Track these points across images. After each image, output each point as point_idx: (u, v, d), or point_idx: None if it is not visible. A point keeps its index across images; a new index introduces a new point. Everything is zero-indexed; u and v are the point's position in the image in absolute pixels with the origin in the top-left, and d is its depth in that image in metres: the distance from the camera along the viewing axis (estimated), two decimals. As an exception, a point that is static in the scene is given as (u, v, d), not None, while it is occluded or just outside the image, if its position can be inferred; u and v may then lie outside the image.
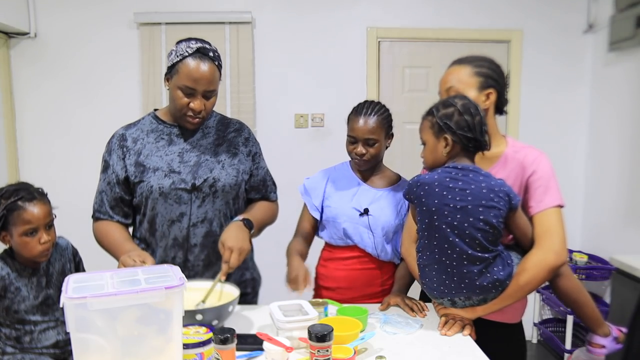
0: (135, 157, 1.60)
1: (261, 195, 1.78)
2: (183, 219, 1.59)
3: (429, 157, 1.49)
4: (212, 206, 1.61)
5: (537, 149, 1.51)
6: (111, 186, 1.61)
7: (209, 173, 1.60)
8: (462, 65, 1.52)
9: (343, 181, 1.79)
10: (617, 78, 3.13)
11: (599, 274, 3.07)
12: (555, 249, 1.40)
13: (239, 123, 1.76)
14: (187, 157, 1.61)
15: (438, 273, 1.43)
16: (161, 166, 1.59)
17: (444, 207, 1.38)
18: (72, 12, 3.27)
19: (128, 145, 1.61)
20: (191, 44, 1.52)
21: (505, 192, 1.38)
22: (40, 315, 1.56)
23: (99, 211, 1.64)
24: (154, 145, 1.61)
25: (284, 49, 3.36)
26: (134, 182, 1.59)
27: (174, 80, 1.52)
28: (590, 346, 1.54)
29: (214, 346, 1.12)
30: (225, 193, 1.63)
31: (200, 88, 1.51)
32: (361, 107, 1.71)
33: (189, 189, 1.58)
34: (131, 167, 1.59)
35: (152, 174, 1.58)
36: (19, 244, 1.52)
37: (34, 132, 3.34)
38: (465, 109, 1.41)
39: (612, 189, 3.17)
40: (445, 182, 1.40)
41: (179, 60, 1.50)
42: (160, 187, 1.57)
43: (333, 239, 1.76)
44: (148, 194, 1.58)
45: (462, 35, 3.40)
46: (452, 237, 1.38)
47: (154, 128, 1.64)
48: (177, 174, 1.58)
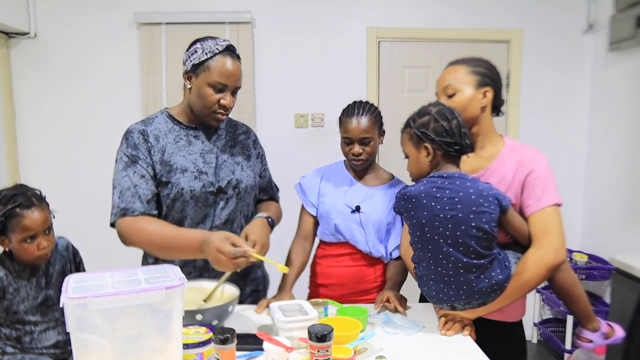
0: (159, 155, 1.54)
1: (269, 196, 1.83)
2: (206, 221, 1.57)
3: (413, 169, 1.49)
4: (234, 208, 1.61)
5: (534, 148, 1.51)
6: (146, 180, 1.51)
7: (232, 174, 1.60)
8: (458, 65, 1.53)
9: (336, 179, 1.81)
10: (617, 78, 3.13)
11: (599, 274, 3.07)
12: (554, 248, 1.40)
13: (245, 126, 1.77)
14: (208, 158, 1.59)
15: (436, 283, 1.42)
16: (188, 167, 1.55)
17: (434, 218, 1.37)
18: (72, 12, 3.27)
19: (151, 142, 1.55)
20: (219, 42, 1.51)
21: (494, 195, 1.38)
22: (40, 316, 1.56)
23: (129, 208, 1.48)
24: (174, 146, 1.57)
25: (284, 48, 3.36)
26: (161, 181, 1.53)
27: (203, 77, 1.50)
28: (579, 340, 1.56)
29: (214, 346, 1.11)
30: (247, 194, 1.64)
31: (232, 84, 1.52)
32: (352, 108, 1.72)
33: (215, 191, 1.57)
34: (157, 164, 1.53)
35: (180, 175, 1.53)
36: (18, 249, 1.52)
37: (34, 132, 3.34)
38: (440, 115, 1.41)
39: (612, 189, 3.17)
40: (432, 192, 1.39)
41: (209, 58, 1.49)
42: (192, 189, 1.53)
43: (325, 234, 1.78)
44: (177, 196, 1.53)
45: (462, 35, 3.40)
46: (446, 247, 1.37)
47: (171, 128, 1.59)
48: (205, 175, 1.56)
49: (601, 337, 1.53)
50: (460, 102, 1.48)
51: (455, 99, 1.49)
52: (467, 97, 1.48)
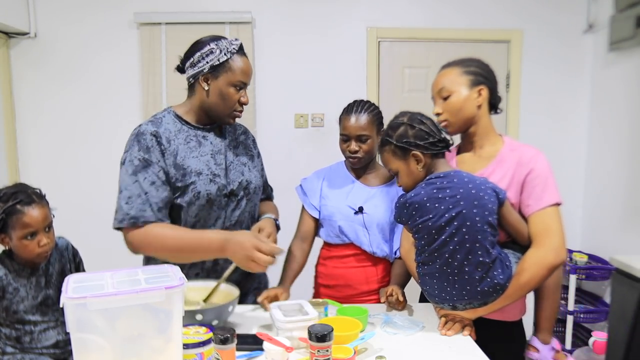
0: (172, 159, 1.49)
1: (266, 195, 1.83)
2: (217, 223, 1.57)
3: (407, 181, 1.48)
4: (244, 209, 1.61)
5: (533, 148, 1.51)
6: (157, 186, 1.46)
7: (241, 176, 1.60)
8: (450, 67, 1.54)
9: (338, 180, 1.81)
10: (617, 78, 3.13)
11: (599, 274, 3.07)
12: (555, 247, 1.40)
13: (242, 126, 1.77)
14: (218, 159, 1.57)
15: (439, 282, 1.42)
16: (202, 169, 1.52)
17: (441, 219, 1.37)
18: (72, 12, 3.27)
19: (164, 145, 1.49)
20: (232, 41, 1.52)
21: (491, 187, 1.40)
22: (40, 316, 1.56)
23: (140, 217, 1.42)
24: (186, 147, 1.53)
25: (284, 48, 3.36)
26: (176, 186, 1.49)
27: (225, 78, 1.50)
28: (528, 348, 1.54)
29: (214, 346, 1.11)
30: (256, 195, 1.65)
31: (249, 81, 1.56)
32: (351, 106, 1.75)
33: (228, 193, 1.56)
34: (171, 168, 1.49)
35: (196, 178, 1.50)
36: (18, 247, 1.52)
37: (34, 132, 3.34)
38: (413, 120, 1.44)
39: (612, 189, 3.17)
40: (433, 194, 1.39)
41: (229, 58, 1.49)
42: (209, 193, 1.51)
43: (330, 236, 1.78)
44: (194, 200, 1.50)
45: (462, 35, 3.40)
46: (453, 245, 1.37)
47: (180, 128, 1.55)
48: (219, 177, 1.54)
49: (550, 352, 1.50)
50: (456, 103, 1.49)
51: (451, 101, 1.49)
52: (462, 97, 1.49)
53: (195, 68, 1.51)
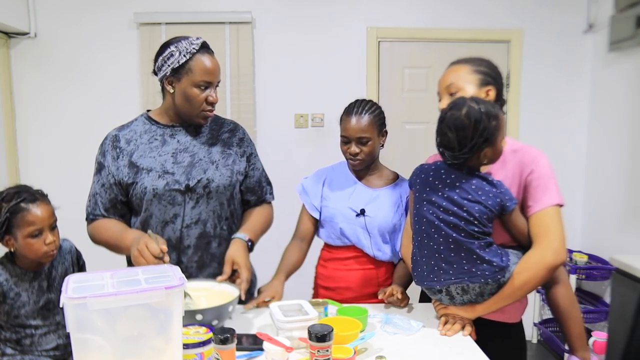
0: (128, 158, 1.59)
1: (257, 197, 1.77)
2: (177, 220, 1.59)
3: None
4: (206, 207, 1.61)
5: (535, 148, 1.51)
6: (105, 188, 1.60)
7: (203, 174, 1.60)
8: (461, 64, 1.54)
9: (340, 180, 1.79)
10: (617, 78, 3.13)
11: (599, 274, 3.07)
12: (555, 247, 1.39)
13: (233, 123, 1.76)
14: (180, 157, 1.61)
15: (427, 259, 1.44)
16: (155, 167, 1.58)
17: (432, 194, 1.43)
18: (72, 12, 3.27)
19: (121, 147, 1.60)
20: (193, 41, 1.53)
21: (501, 194, 1.39)
22: (41, 320, 1.55)
23: (92, 213, 1.63)
24: (147, 146, 1.61)
25: (284, 48, 3.36)
26: (127, 183, 1.58)
27: (187, 79, 1.52)
28: None
29: (214, 346, 1.12)
30: (219, 194, 1.62)
31: (215, 80, 1.56)
32: (352, 107, 1.71)
33: (183, 190, 1.57)
34: (125, 168, 1.58)
35: (145, 175, 1.57)
36: (24, 246, 1.50)
37: (34, 132, 3.34)
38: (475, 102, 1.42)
39: (612, 189, 3.17)
40: (441, 171, 1.44)
41: (189, 59, 1.50)
42: (155, 188, 1.56)
43: (331, 238, 1.76)
44: (142, 195, 1.57)
45: (462, 35, 3.40)
46: (437, 221, 1.40)
47: (147, 129, 1.63)
48: (171, 174, 1.58)
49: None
50: None
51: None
52: (470, 95, 1.48)
53: (160, 72, 1.56)
